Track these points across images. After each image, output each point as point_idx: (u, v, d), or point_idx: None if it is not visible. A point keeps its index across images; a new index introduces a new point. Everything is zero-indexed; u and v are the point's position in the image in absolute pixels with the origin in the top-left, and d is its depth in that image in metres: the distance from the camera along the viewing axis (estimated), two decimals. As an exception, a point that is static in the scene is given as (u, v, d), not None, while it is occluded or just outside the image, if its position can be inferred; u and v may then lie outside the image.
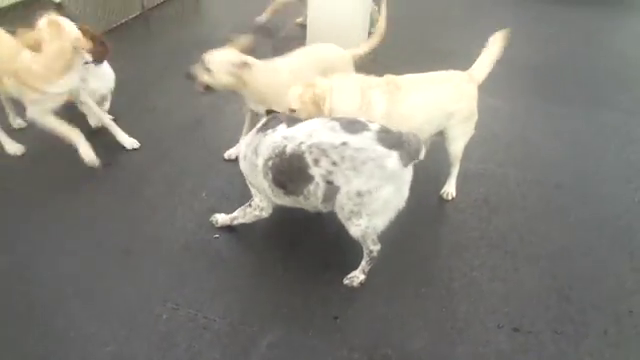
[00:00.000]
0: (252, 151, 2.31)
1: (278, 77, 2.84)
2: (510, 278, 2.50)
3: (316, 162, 2.10)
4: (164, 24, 5.41)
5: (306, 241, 2.67)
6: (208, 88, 2.83)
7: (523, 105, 4.07)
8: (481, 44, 2.75)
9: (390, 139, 2.09)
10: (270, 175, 2.25)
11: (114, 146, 3.29)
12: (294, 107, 2.50)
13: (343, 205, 2.17)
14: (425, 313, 2.30)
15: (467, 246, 2.67)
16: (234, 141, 2.46)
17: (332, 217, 2.36)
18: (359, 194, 2.10)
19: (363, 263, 2.37)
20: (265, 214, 2.51)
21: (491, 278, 2.49)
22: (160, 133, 3.52)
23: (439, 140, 2.81)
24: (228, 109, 3.78)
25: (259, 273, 2.48)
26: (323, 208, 2.29)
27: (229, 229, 2.67)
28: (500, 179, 3.19)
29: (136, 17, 5.36)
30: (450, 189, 2.97)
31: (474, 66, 2.73)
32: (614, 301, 2.40)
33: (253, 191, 2.48)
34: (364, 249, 2.33)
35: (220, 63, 2.76)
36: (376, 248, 2.31)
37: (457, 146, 2.80)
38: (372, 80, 2.61)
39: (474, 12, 5.73)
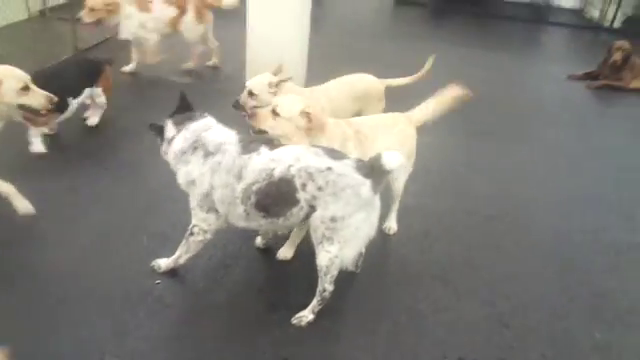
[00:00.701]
0: (235, 176, 2.23)
1: (316, 102, 3.00)
2: (453, 308, 2.58)
3: (303, 187, 2.13)
4: (97, 65, 5.25)
5: (252, 282, 2.63)
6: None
7: (453, 141, 4.31)
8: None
9: (365, 168, 2.17)
10: (253, 199, 2.21)
11: (42, 193, 3.12)
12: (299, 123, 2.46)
13: (316, 228, 2.20)
14: (374, 349, 2.31)
15: (411, 279, 2.75)
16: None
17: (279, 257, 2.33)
18: (333, 219, 2.14)
19: (314, 302, 2.35)
20: (209, 236, 2.45)
21: (435, 309, 2.56)
22: (95, 176, 3.38)
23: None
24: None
25: (204, 318, 2.40)
26: (299, 226, 2.32)
27: (171, 274, 2.58)
28: (437, 212, 3.32)
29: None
30: (392, 224, 3.06)
31: (416, 108, 2.87)
32: (549, 323, 2.53)
33: (201, 216, 2.38)
34: (319, 286, 2.31)
35: (261, 85, 3.00)
36: (330, 289, 2.30)
37: (399, 184, 2.92)
38: (346, 131, 2.62)
39: (405, 53, 6.05)
